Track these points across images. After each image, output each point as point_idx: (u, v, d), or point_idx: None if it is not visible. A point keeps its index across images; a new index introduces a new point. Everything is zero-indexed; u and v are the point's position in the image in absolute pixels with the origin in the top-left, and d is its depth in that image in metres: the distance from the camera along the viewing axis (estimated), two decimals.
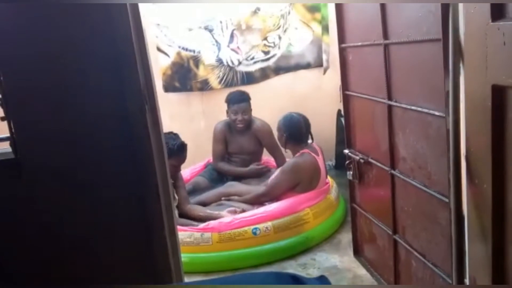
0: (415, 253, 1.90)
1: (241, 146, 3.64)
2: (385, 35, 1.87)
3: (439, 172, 1.63)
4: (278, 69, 4.07)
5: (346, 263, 2.65)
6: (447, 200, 1.57)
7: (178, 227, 2.71)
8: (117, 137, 1.45)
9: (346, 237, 2.91)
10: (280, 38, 3.98)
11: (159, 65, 3.80)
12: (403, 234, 2.02)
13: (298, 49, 4.07)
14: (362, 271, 2.51)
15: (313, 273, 2.62)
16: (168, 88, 3.91)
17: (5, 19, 1.32)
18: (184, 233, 2.76)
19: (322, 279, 0.81)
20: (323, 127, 4.11)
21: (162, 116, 1.59)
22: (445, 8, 1.42)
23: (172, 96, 3.94)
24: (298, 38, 4.04)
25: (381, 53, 1.91)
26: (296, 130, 3.11)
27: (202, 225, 2.83)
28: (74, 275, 1.48)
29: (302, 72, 4.12)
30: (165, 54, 3.83)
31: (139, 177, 1.47)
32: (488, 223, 1.27)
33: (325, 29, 4.02)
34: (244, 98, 3.55)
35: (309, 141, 3.19)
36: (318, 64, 4.11)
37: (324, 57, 4.06)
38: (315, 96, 4.15)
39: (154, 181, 1.47)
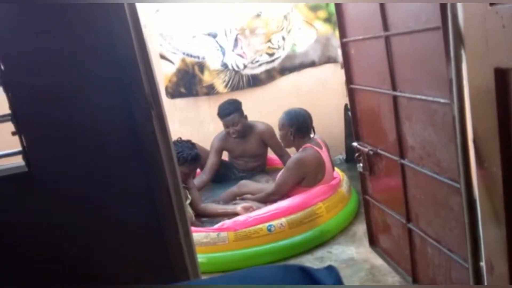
0: (430, 240, 1.92)
1: (245, 151, 3.70)
2: (385, 27, 1.89)
3: (448, 158, 1.65)
4: (284, 70, 4.08)
5: (363, 254, 2.66)
6: (458, 185, 1.58)
7: (194, 228, 2.80)
8: (126, 145, 1.47)
9: (361, 228, 2.93)
10: (284, 39, 4.00)
11: (163, 73, 3.85)
12: (416, 222, 2.03)
13: (302, 48, 4.08)
14: (379, 261, 2.53)
15: None
16: (174, 94, 3.95)
17: (10, 34, 1.35)
18: (200, 234, 2.81)
19: (330, 269, 0.82)
20: (332, 122, 4.14)
21: (171, 122, 1.62)
22: None
23: (180, 102, 3.99)
24: (302, 37, 4.05)
25: (382, 45, 1.92)
26: (302, 123, 3.13)
27: (217, 225, 2.87)
28: (90, 281, 1.51)
29: (307, 71, 4.13)
30: (170, 61, 3.89)
31: (150, 183, 1.50)
32: (500, 206, 1.29)
33: (336, 24, 4.04)
34: (232, 111, 3.56)
35: (312, 135, 3.20)
36: (323, 61, 4.12)
37: (339, 52, 4.06)
38: (321, 92, 4.18)
39: (165, 185, 1.50)
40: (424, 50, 1.66)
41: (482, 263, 1.50)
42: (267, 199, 3.13)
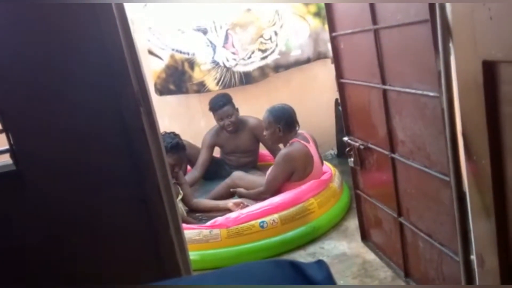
0: (421, 234, 1.92)
1: (237, 146, 3.68)
2: (374, 20, 1.88)
3: (438, 151, 1.64)
4: (278, 67, 4.00)
5: (355, 249, 2.67)
6: (447, 179, 1.58)
7: (186, 225, 2.79)
8: (115, 142, 1.46)
9: (353, 223, 2.93)
10: (276, 34, 3.92)
11: (152, 69, 3.80)
12: (408, 216, 2.03)
13: (296, 44, 3.99)
14: (371, 256, 2.53)
15: None
16: (163, 91, 3.90)
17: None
18: (193, 231, 2.80)
19: (320, 263, 0.81)
20: (322, 118, 4.14)
21: (161, 118, 1.61)
22: None
23: (170, 98, 3.95)
24: (295, 32, 3.97)
25: (371, 38, 1.91)
26: (289, 118, 3.11)
27: (209, 222, 2.87)
28: (81, 280, 1.50)
29: (298, 67, 4.08)
30: (158, 57, 3.83)
31: (140, 180, 1.49)
32: (490, 199, 1.29)
33: (325, 18, 4.01)
34: (225, 102, 3.56)
35: (297, 129, 3.18)
36: (317, 57, 4.07)
37: (329, 47, 4.03)
38: (312, 88, 4.17)
39: (155, 182, 1.49)
40: (413, 43, 1.66)
41: (473, 257, 1.50)
42: (258, 197, 3.12)
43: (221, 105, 3.56)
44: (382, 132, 2.04)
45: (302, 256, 2.72)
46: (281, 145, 3.26)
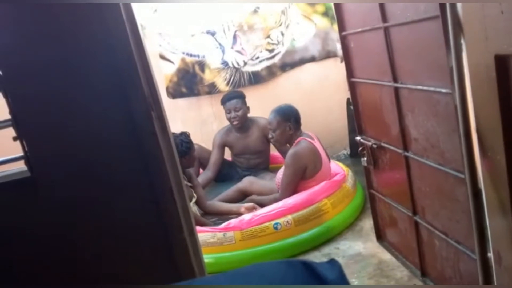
0: (437, 232, 1.90)
1: (246, 147, 3.69)
2: (384, 18, 1.87)
3: (452, 149, 1.63)
4: (284, 66, 4.05)
5: (370, 249, 2.65)
6: (462, 176, 1.56)
7: (200, 228, 2.80)
8: (127, 147, 1.47)
9: (367, 223, 2.91)
10: (283, 34, 3.97)
11: (163, 73, 3.84)
12: (423, 214, 2.01)
13: (301, 43, 4.04)
14: (386, 256, 2.51)
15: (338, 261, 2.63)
16: (175, 95, 3.95)
17: (7, 39, 1.35)
18: (207, 234, 2.81)
19: (333, 263, 0.81)
20: (334, 118, 4.12)
21: (173, 122, 1.62)
22: None
23: (181, 101, 3.99)
24: (301, 32, 4.02)
25: (382, 36, 1.90)
26: (297, 115, 3.12)
27: (223, 225, 2.87)
28: (95, 285, 1.51)
29: (307, 66, 4.11)
30: (170, 61, 3.88)
31: (153, 183, 1.49)
32: (506, 195, 1.27)
33: (334, 18, 4.02)
34: (235, 96, 3.61)
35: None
36: (323, 56, 4.09)
37: (338, 46, 4.03)
38: (323, 88, 4.15)
39: (168, 185, 1.50)
40: (423, 40, 1.64)
41: (490, 254, 1.48)
42: (274, 203, 3.04)
43: (230, 97, 3.61)
44: (395, 130, 2.03)
45: (317, 257, 2.71)
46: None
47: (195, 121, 4.05)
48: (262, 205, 3.11)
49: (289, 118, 3.08)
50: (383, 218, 2.52)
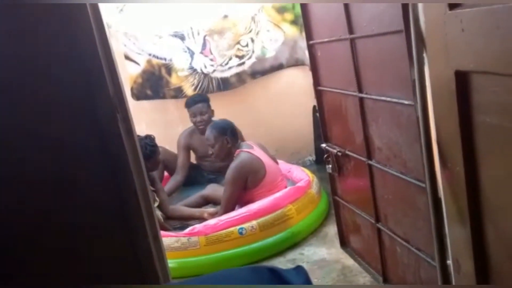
0: (399, 239, 1.95)
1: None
2: (350, 29, 1.91)
3: (413, 158, 1.67)
4: (255, 73, 4.05)
5: (334, 255, 2.68)
6: (423, 185, 1.61)
7: (164, 233, 2.76)
8: (91, 149, 1.44)
9: (332, 229, 2.95)
10: (253, 41, 3.97)
11: (128, 74, 3.77)
12: (385, 222, 2.06)
13: (271, 51, 4.05)
14: (350, 262, 2.55)
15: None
16: (139, 96, 3.88)
17: None
18: (171, 238, 2.78)
19: (299, 269, 0.83)
20: (301, 124, 4.17)
21: (138, 124, 1.60)
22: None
23: (146, 103, 3.93)
24: (271, 40, 4.04)
25: (348, 47, 1.94)
26: (233, 128, 3.16)
27: (187, 229, 2.85)
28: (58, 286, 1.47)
29: (276, 73, 4.13)
30: (135, 62, 3.81)
31: (117, 186, 1.47)
32: (464, 204, 1.31)
33: (302, 26, 4.06)
34: (200, 100, 3.62)
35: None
36: (291, 64, 4.12)
37: (306, 54, 4.07)
38: (290, 95, 4.20)
39: (132, 188, 1.47)
40: (388, 53, 1.69)
41: (449, 262, 1.53)
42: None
43: (196, 101, 3.60)
44: (359, 139, 2.07)
45: (282, 263, 2.73)
46: None
47: (160, 124, 3.99)
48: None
49: (225, 132, 3.11)
50: (347, 224, 2.56)
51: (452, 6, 1.13)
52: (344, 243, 2.67)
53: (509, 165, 1.07)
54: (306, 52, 3.96)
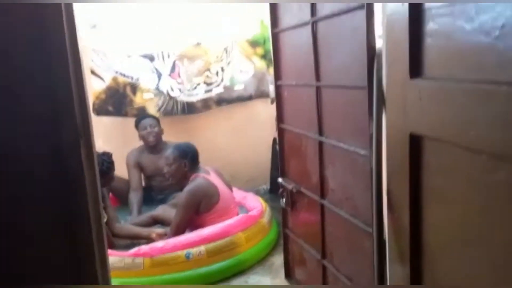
0: (342, 277, 2.06)
1: (158, 167, 3.64)
2: (318, 77, 2.05)
3: (364, 204, 1.81)
4: (221, 101, 4.13)
5: (278, 285, 2.77)
6: (370, 230, 1.74)
7: (110, 251, 2.72)
8: (49, 171, 1.39)
9: (279, 259, 3.03)
10: (223, 70, 4.06)
11: (92, 89, 3.75)
12: (331, 259, 2.18)
13: (240, 82, 4.17)
14: None
15: None
16: (100, 112, 3.86)
17: None
18: (115, 258, 2.75)
19: None
20: (259, 154, 4.30)
21: (96, 139, 1.55)
22: (370, 59, 1.62)
23: (106, 119, 3.90)
24: (241, 71, 4.16)
25: (313, 93, 2.08)
26: (194, 154, 3.22)
27: (133, 250, 2.83)
28: None
29: (242, 103, 4.26)
30: (100, 78, 3.79)
31: (71, 211, 1.43)
32: (406, 248, 1.43)
33: (270, 62, 4.21)
34: (150, 116, 3.74)
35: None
36: (259, 95, 4.26)
37: (271, 88, 4.21)
38: (252, 125, 4.34)
39: (86, 215, 1.43)
40: (350, 104, 1.84)
41: None
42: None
43: (146, 116, 3.72)
44: (315, 178, 2.20)
45: None
46: None
47: (118, 141, 3.96)
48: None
49: (186, 155, 3.17)
50: (294, 257, 2.66)
51: (412, 75, 1.28)
52: (289, 274, 2.76)
53: (447, 218, 1.21)
54: (271, 85, 4.16)
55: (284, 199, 2.53)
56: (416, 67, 1.26)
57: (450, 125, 1.15)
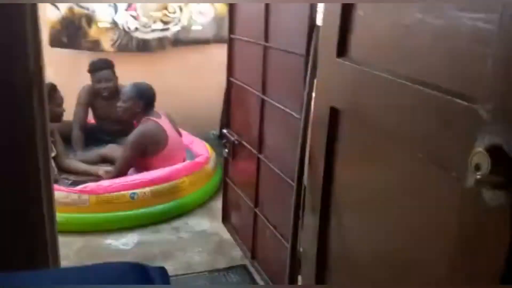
0: (269, 225, 2.28)
1: (110, 112, 3.63)
2: (266, 38, 2.15)
3: (291, 161, 1.98)
4: (177, 42, 4.08)
5: (215, 228, 2.97)
6: (293, 184, 1.93)
7: (56, 186, 2.80)
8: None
9: (218, 204, 3.18)
10: (181, 10, 3.99)
11: (47, 18, 3.64)
12: (262, 208, 2.38)
13: (198, 24, 4.12)
14: (227, 236, 2.85)
15: (184, 236, 2.91)
16: (54, 43, 3.77)
17: None
18: (61, 193, 2.83)
19: (162, 270, 0.97)
20: (211, 98, 4.33)
21: (47, 69, 1.56)
22: (310, 31, 1.73)
23: (59, 51, 3.82)
24: (200, 12, 4.09)
25: (261, 52, 2.18)
26: (152, 97, 3.24)
27: (80, 186, 2.92)
28: None
29: (198, 47, 4.22)
30: (56, 7, 3.67)
31: (20, 156, 1.48)
32: (319, 201, 1.61)
33: None
34: (106, 66, 3.61)
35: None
36: (218, 40, 4.21)
37: None
38: (207, 68, 4.31)
39: (35, 163, 1.49)
40: (290, 69, 1.96)
41: (300, 248, 1.88)
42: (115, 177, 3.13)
43: (102, 67, 3.59)
44: (255, 133, 2.35)
45: (166, 230, 2.95)
46: None
47: (69, 74, 3.90)
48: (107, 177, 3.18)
49: (142, 97, 3.18)
50: (231, 203, 2.86)
51: (339, 54, 1.41)
52: (225, 218, 2.97)
53: (353, 181, 1.39)
54: None
55: (226, 150, 2.68)
56: (342, 48, 1.39)
57: (361, 104, 1.30)
